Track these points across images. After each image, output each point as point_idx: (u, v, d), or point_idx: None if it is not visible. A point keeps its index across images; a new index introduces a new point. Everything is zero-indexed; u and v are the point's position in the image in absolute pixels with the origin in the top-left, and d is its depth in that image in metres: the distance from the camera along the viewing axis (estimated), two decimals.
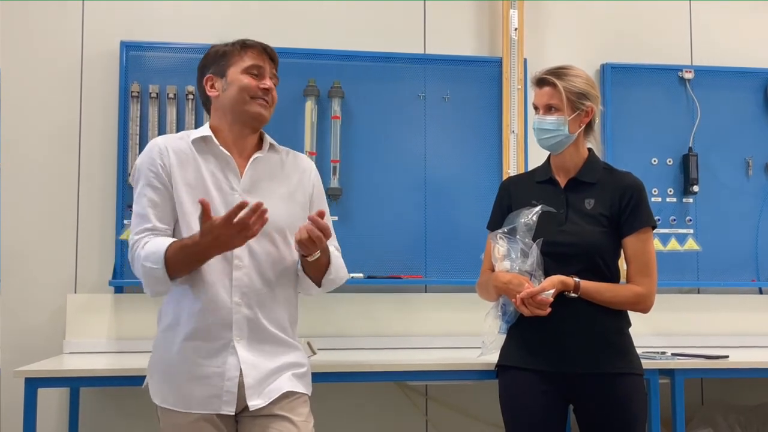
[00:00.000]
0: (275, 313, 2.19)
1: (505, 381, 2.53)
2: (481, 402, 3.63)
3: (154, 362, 2.20)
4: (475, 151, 3.75)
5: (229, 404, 2.08)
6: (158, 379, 2.16)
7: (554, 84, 2.50)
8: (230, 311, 2.11)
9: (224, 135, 2.21)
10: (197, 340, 2.11)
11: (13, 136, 3.49)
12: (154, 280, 2.07)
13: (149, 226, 2.11)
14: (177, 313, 2.14)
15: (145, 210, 2.12)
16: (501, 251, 2.47)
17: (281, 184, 2.26)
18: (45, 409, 3.24)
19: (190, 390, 2.09)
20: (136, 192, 2.18)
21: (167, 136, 2.26)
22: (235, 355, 2.10)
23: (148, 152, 2.18)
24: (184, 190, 2.13)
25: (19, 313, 3.42)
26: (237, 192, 2.16)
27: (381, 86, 3.71)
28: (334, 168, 3.61)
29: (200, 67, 2.27)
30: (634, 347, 2.51)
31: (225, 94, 2.20)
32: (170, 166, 2.15)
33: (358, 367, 2.94)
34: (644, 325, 3.47)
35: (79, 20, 3.58)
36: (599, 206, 2.49)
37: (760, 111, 3.94)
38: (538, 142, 2.56)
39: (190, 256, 2.03)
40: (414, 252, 3.67)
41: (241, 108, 2.19)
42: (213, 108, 2.25)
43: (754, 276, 3.87)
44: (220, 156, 2.19)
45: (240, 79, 2.18)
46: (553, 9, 3.93)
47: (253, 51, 2.22)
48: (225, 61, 2.21)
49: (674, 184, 3.87)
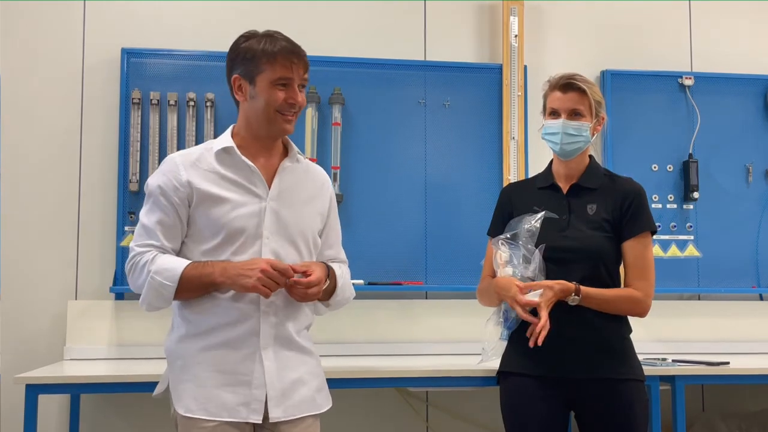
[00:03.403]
0: (299, 320, 2.20)
1: (507, 387, 2.53)
2: (481, 408, 3.63)
3: (176, 371, 2.13)
4: (476, 158, 3.75)
5: (257, 412, 2.07)
6: (181, 388, 2.10)
7: (583, 90, 2.49)
8: (258, 319, 2.11)
9: (248, 142, 2.18)
10: (225, 348, 2.09)
11: (15, 142, 3.49)
12: (159, 297, 2.07)
13: (156, 244, 2.10)
14: (201, 321, 2.11)
15: (155, 227, 2.10)
16: (503, 257, 2.46)
17: (305, 192, 2.25)
18: (45, 415, 3.24)
19: (219, 398, 2.07)
20: (147, 205, 2.14)
21: (185, 153, 2.19)
22: (261, 364, 2.09)
23: (165, 172, 2.13)
24: (207, 205, 2.10)
25: (20, 320, 3.42)
26: (265, 200, 2.15)
27: (381, 93, 3.72)
28: (334, 174, 3.62)
29: (229, 59, 2.18)
30: (635, 353, 2.51)
31: (252, 103, 2.14)
32: (189, 185, 2.10)
33: (358, 373, 2.94)
34: (645, 332, 3.48)
35: (80, 27, 3.59)
36: (601, 211, 2.49)
37: (760, 117, 3.95)
38: (558, 147, 2.51)
39: (204, 279, 2.05)
40: (414, 258, 3.67)
41: (266, 122, 2.15)
42: (240, 109, 2.20)
43: (755, 282, 3.87)
44: (245, 167, 2.15)
45: (269, 93, 2.11)
46: (553, 16, 3.94)
47: (284, 59, 2.12)
48: (254, 65, 2.12)
49: (674, 191, 3.87)
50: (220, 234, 2.10)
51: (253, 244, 2.11)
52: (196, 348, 2.10)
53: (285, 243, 2.15)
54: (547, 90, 2.57)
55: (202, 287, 2.07)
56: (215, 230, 2.10)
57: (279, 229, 2.14)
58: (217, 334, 2.09)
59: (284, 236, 2.15)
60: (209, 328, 2.10)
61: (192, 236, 2.13)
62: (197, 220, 2.11)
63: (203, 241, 2.11)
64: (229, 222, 2.09)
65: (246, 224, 2.11)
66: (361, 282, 3.54)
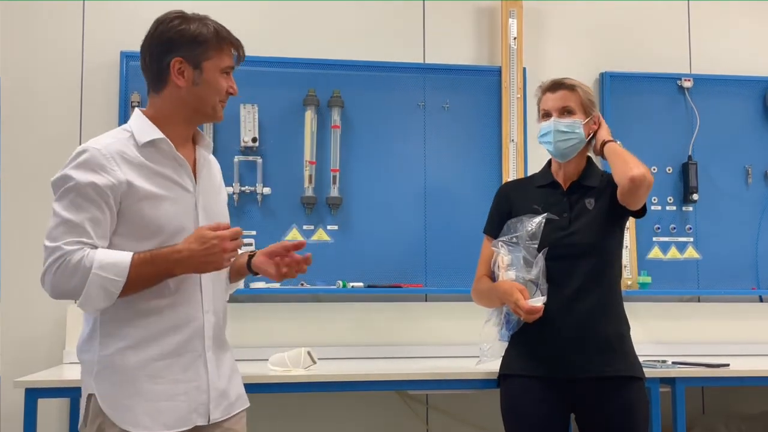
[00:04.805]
0: (226, 315, 2.14)
1: (507, 389, 2.53)
2: (482, 411, 3.62)
3: (115, 386, 1.93)
4: (475, 160, 3.75)
5: (203, 416, 2.00)
6: (127, 405, 1.92)
7: (572, 87, 2.52)
8: (202, 321, 2.01)
9: (171, 129, 2.02)
10: (171, 357, 1.96)
11: (14, 145, 3.49)
12: (105, 294, 1.86)
13: (88, 241, 1.88)
14: (141, 328, 1.94)
15: (84, 223, 1.88)
16: (505, 261, 2.46)
17: (214, 181, 2.18)
18: (45, 419, 3.22)
19: (175, 410, 1.96)
20: (66, 199, 1.90)
21: (107, 144, 1.96)
22: (205, 366, 2.01)
23: (94, 167, 1.91)
24: (143, 204, 1.94)
25: (20, 323, 3.42)
26: (193, 194, 2.03)
27: (381, 95, 3.72)
28: (333, 177, 3.62)
29: (165, 39, 2.00)
30: (635, 351, 2.51)
31: (195, 89, 2.00)
32: (128, 183, 1.92)
33: (358, 376, 2.94)
34: (645, 334, 3.48)
35: (79, 30, 3.59)
36: (601, 203, 2.50)
37: (760, 119, 3.95)
38: (552, 146, 2.51)
39: (161, 271, 1.90)
40: (414, 261, 3.67)
41: (206, 109, 2.04)
42: (167, 93, 2.02)
43: (755, 284, 3.87)
44: (172, 159, 2.01)
45: (217, 81, 2.02)
46: (552, 18, 3.94)
47: (230, 47, 2.04)
48: (201, 50, 1.99)
49: (674, 193, 3.87)
50: (159, 235, 1.94)
51: None
52: (139, 359, 1.93)
53: None
54: (539, 96, 2.59)
55: (155, 279, 1.91)
56: (154, 230, 1.94)
57: (209, 223, 1.99)
58: (161, 341, 1.95)
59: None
60: (151, 335, 1.94)
61: (124, 235, 1.94)
62: (131, 220, 1.93)
63: (139, 240, 1.94)
64: (168, 222, 1.96)
65: (183, 222, 1.98)
66: (360, 284, 3.55)
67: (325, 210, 3.64)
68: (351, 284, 3.55)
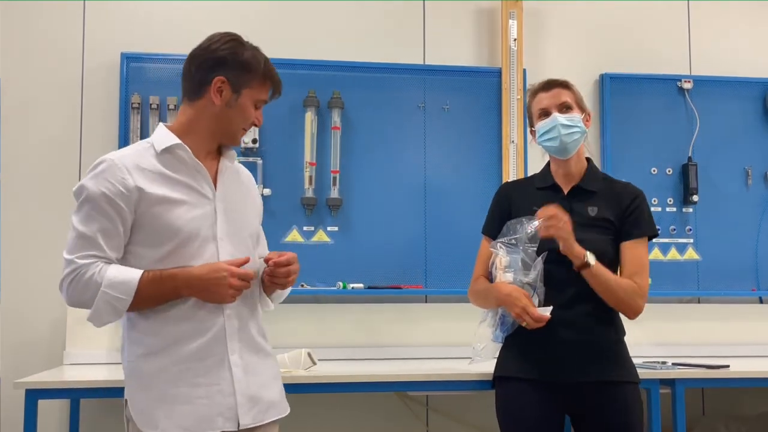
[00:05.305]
0: (256, 320, 2.16)
1: (502, 391, 2.53)
2: (481, 412, 3.61)
3: (141, 391, 2.01)
4: (475, 161, 3.76)
5: (232, 420, 2.02)
6: (152, 410, 1.99)
7: (565, 84, 2.55)
8: (223, 325, 2.04)
9: (195, 139, 2.07)
10: (192, 360, 1.99)
11: (14, 146, 3.50)
12: (112, 311, 1.94)
13: (100, 254, 1.95)
14: (162, 334, 2.00)
15: (96, 236, 1.95)
16: (503, 262, 2.46)
17: (241, 192, 2.20)
18: (45, 420, 3.22)
19: (196, 413, 1.99)
20: (82, 211, 1.97)
21: (123, 155, 2.03)
22: (230, 370, 2.04)
23: (107, 177, 1.97)
24: (158, 209, 1.99)
25: (20, 324, 3.43)
26: (213, 201, 2.07)
27: (381, 97, 3.72)
28: (334, 178, 3.62)
29: (216, 56, 2.07)
30: (629, 356, 2.51)
31: (227, 110, 2.06)
32: (138, 190, 1.97)
33: (358, 377, 2.94)
34: (645, 335, 3.48)
35: (80, 31, 3.59)
36: (604, 212, 2.49)
37: (759, 120, 3.95)
38: (557, 141, 2.49)
39: (168, 291, 1.96)
40: (414, 262, 3.67)
41: (230, 131, 2.10)
42: (200, 105, 2.07)
43: (755, 285, 3.87)
44: (191, 167, 2.06)
45: (249, 109, 2.08)
46: (552, 19, 3.94)
47: (269, 86, 2.11)
48: (246, 78, 2.06)
49: (674, 194, 3.87)
50: (174, 239, 1.99)
51: (208, 247, 2.03)
52: (161, 364, 1.98)
53: (238, 244, 2.07)
54: (530, 98, 2.61)
55: (162, 299, 1.98)
56: (170, 234, 1.99)
57: (230, 230, 2.07)
58: (182, 345, 1.99)
59: (236, 237, 2.09)
60: (172, 340, 1.99)
61: (141, 242, 2.00)
62: (146, 226, 1.98)
63: (155, 246, 1.99)
64: (184, 225, 1.99)
65: (200, 226, 2.01)
66: (360, 286, 3.55)
67: (325, 211, 3.64)
68: (351, 285, 3.55)
